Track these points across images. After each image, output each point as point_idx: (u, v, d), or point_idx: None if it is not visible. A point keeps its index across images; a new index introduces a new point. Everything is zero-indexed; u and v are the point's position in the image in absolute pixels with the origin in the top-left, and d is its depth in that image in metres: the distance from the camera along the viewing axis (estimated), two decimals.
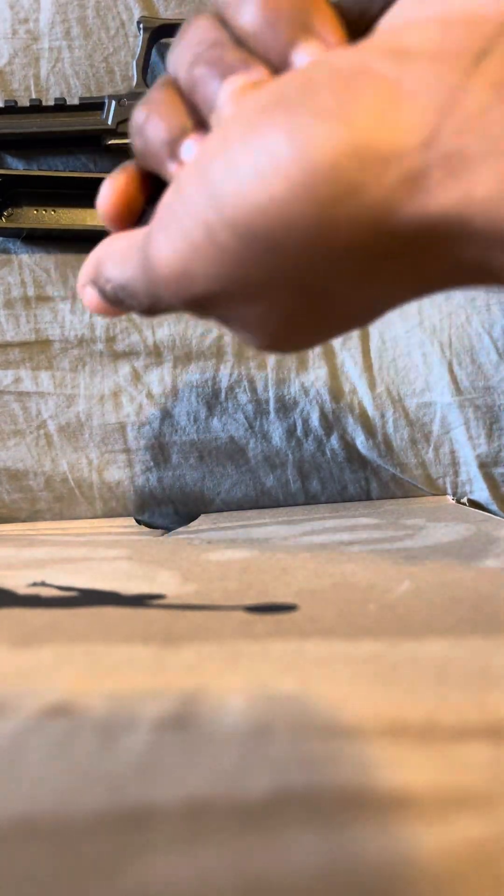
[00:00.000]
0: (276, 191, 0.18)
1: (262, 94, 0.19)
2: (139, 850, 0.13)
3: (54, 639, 0.23)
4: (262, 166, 0.18)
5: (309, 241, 0.18)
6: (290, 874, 0.12)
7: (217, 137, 0.19)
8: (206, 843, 0.13)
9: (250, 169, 0.18)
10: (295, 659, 0.20)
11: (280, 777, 0.15)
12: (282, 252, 0.18)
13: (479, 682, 0.19)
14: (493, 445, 0.49)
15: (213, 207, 0.19)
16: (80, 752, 0.16)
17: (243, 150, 0.18)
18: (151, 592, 0.28)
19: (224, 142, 0.19)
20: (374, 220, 0.17)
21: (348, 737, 0.16)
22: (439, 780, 0.15)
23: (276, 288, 0.20)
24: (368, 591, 0.27)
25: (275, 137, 0.18)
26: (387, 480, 0.50)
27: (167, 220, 0.20)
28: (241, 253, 0.19)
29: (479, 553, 0.32)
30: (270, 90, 0.18)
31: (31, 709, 0.18)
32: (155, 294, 0.22)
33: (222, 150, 0.19)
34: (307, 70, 0.18)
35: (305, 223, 0.18)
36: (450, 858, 0.13)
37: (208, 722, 0.17)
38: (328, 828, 0.13)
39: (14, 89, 0.46)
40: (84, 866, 0.13)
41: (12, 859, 0.13)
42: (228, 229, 0.19)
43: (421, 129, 0.16)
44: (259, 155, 0.18)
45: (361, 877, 0.12)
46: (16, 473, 0.49)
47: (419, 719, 0.17)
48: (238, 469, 0.50)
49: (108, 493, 0.50)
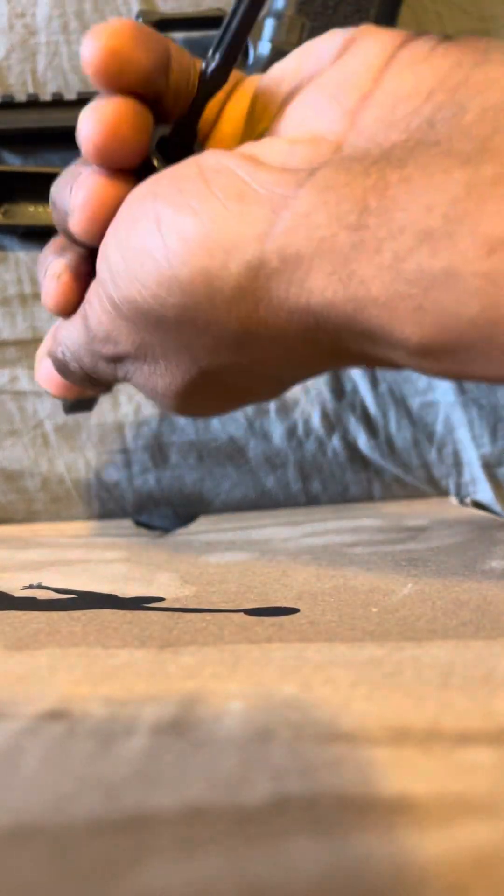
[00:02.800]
0: (149, 272, 0.21)
1: (144, 186, 0.22)
2: (137, 857, 0.13)
3: (51, 642, 0.23)
4: (138, 251, 0.21)
5: (179, 317, 0.21)
6: (290, 881, 0.12)
7: (113, 223, 0.23)
8: (205, 849, 0.13)
9: (131, 253, 0.21)
10: (296, 663, 0.20)
11: (280, 783, 0.15)
12: (164, 324, 0.22)
13: (484, 686, 0.18)
14: (498, 445, 0.49)
15: (111, 283, 0.22)
16: (77, 757, 0.16)
17: (126, 237, 0.22)
18: (150, 595, 0.28)
19: (114, 227, 0.22)
20: (227, 305, 0.20)
21: (350, 742, 0.16)
22: (442, 785, 0.15)
23: (173, 352, 0.23)
24: (370, 594, 0.27)
25: (146, 227, 0.21)
26: (389, 481, 0.50)
27: (92, 293, 0.24)
28: (138, 322, 0.22)
29: (483, 555, 0.32)
30: (151, 182, 0.22)
31: (27, 713, 0.18)
32: (95, 353, 0.25)
33: (113, 235, 0.22)
34: (181, 166, 0.21)
35: (172, 301, 0.21)
36: (453, 865, 0.12)
37: (207, 727, 0.17)
38: (329, 834, 0.13)
39: (11, 84, 0.46)
40: (80, 872, 0.13)
41: (7, 865, 0.13)
42: (125, 303, 0.22)
43: (257, 225, 0.19)
44: (135, 241, 0.21)
45: (363, 884, 0.12)
46: (12, 474, 0.49)
47: (422, 724, 0.17)
48: (238, 470, 0.49)
49: (106, 494, 0.49)
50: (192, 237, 0.20)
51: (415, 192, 0.17)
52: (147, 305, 0.21)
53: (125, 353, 0.24)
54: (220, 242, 0.20)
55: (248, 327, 0.20)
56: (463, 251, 0.16)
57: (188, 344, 0.22)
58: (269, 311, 0.20)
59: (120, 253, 0.22)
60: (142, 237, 0.21)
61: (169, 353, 0.23)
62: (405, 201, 0.17)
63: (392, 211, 0.18)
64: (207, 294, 0.20)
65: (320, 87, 0.22)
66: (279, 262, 0.19)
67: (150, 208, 0.21)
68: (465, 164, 0.17)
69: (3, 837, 0.13)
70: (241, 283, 0.20)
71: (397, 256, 0.17)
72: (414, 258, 0.17)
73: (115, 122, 0.22)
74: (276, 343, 0.21)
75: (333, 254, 0.18)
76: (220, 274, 0.20)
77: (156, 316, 0.22)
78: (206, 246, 0.20)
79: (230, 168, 0.20)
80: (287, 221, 0.19)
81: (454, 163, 0.17)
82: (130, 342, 0.23)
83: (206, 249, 0.20)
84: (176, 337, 0.22)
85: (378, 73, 0.21)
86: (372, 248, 0.18)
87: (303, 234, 0.19)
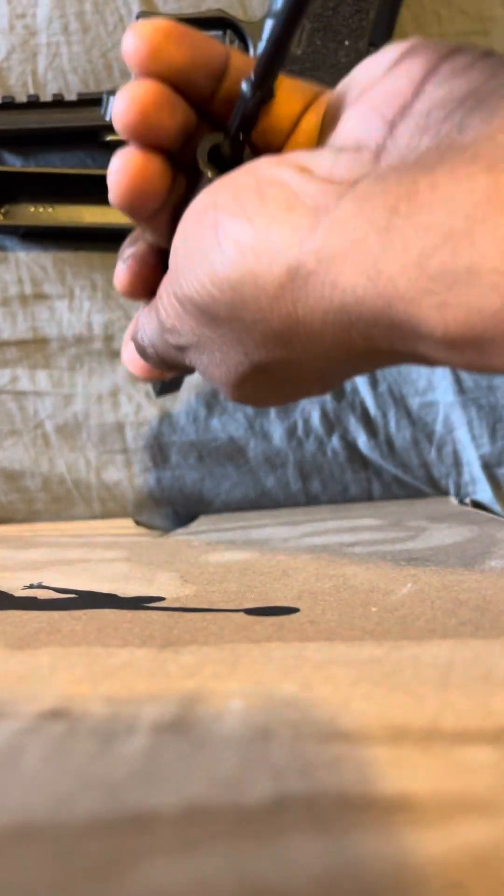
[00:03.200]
0: (206, 273, 0.23)
1: (206, 195, 0.24)
2: (137, 856, 0.13)
3: (52, 641, 0.23)
4: (198, 254, 0.23)
5: (230, 314, 0.23)
6: (290, 880, 0.12)
7: (180, 227, 0.25)
8: (205, 848, 0.13)
9: (192, 255, 0.24)
10: (295, 662, 0.20)
11: (280, 782, 0.15)
12: (218, 321, 0.24)
13: (483, 685, 0.18)
14: (497, 445, 0.49)
15: (177, 281, 0.25)
16: (78, 756, 0.16)
17: (189, 240, 0.24)
18: (150, 594, 0.28)
19: (181, 231, 0.25)
20: (270, 304, 0.22)
21: (349, 741, 0.16)
22: (442, 784, 0.15)
23: (227, 346, 0.25)
24: (370, 594, 0.27)
25: (206, 232, 0.23)
26: (389, 481, 0.50)
27: (163, 287, 0.27)
28: (197, 317, 0.25)
29: (483, 555, 0.32)
30: (212, 190, 0.24)
31: (28, 712, 0.18)
32: (166, 342, 0.28)
33: (180, 237, 0.25)
34: (238, 174, 0.24)
35: (224, 300, 0.23)
36: (452, 863, 0.12)
37: (207, 726, 0.17)
38: (329, 833, 0.13)
39: (11, 85, 0.46)
40: (81, 871, 0.13)
41: (8, 865, 0.13)
42: (186, 301, 0.25)
43: (299, 231, 0.21)
44: (196, 244, 0.24)
45: (362, 883, 0.12)
46: (12, 474, 0.49)
47: (421, 723, 0.17)
48: (238, 469, 0.49)
49: (107, 494, 0.49)
50: (244, 242, 0.22)
51: (441, 196, 0.19)
52: (203, 303, 0.24)
53: (188, 344, 0.26)
54: (268, 246, 0.21)
55: (289, 325, 0.22)
56: (482, 250, 0.18)
57: (239, 339, 0.24)
58: (306, 311, 0.21)
59: (184, 254, 0.24)
60: (202, 241, 0.23)
61: (224, 346, 0.25)
62: (431, 204, 0.19)
63: (419, 214, 0.19)
64: (254, 294, 0.22)
65: (369, 98, 0.23)
66: (315, 263, 0.20)
67: (210, 216, 0.23)
68: (489, 170, 0.18)
69: (3, 837, 0.13)
70: (282, 283, 0.21)
71: (422, 255, 0.18)
72: (438, 256, 0.18)
73: (143, 99, 0.24)
74: (314, 341, 0.22)
75: (364, 254, 0.20)
76: (264, 275, 0.22)
77: (211, 313, 0.24)
78: (255, 250, 0.22)
79: (283, 180, 0.22)
80: (325, 228, 0.20)
81: (478, 169, 0.18)
82: (192, 334, 0.26)
83: (254, 253, 0.22)
84: (228, 332, 0.24)
85: (419, 84, 0.22)
86: (399, 247, 0.19)
87: (338, 238, 0.20)
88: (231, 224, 0.22)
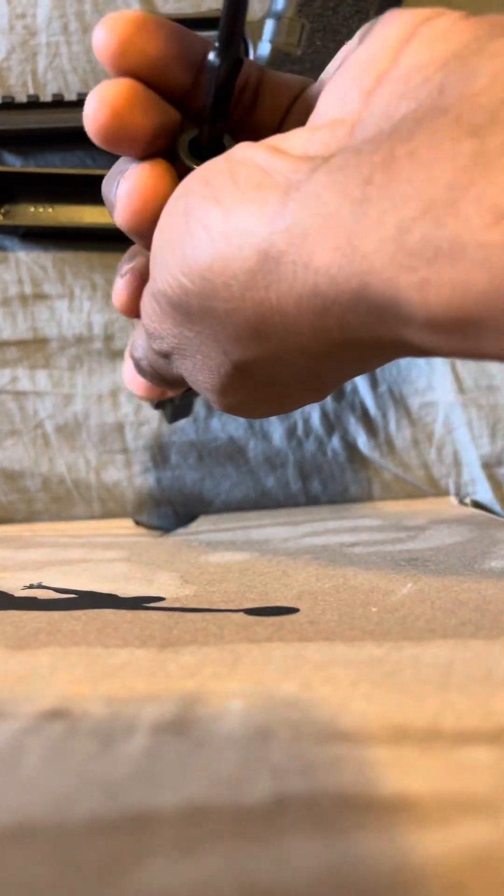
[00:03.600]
0: (176, 263, 0.22)
1: (180, 185, 0.23)
2: (137, 856, 0.13)
3: (51, 642, 0.23)
4: (168, 244, 0.22)
5: (202, 306, 0.22)
6: (291, 880, 0.12)
7: (157, 225, 0.24)
8: (205, 848, 0.13)
9: (164, 246, 0.23)
10: (295, 662, 0.20)
11: (280, 782, 0.15)
12: (192, 316, 0.23)
13: (483, 685, 0.18)
14: (497, 445, 0.48)
15: (153, 278, 0.24)
16: (78, 756, 0.16)
17: (161, 232, 0.23)
18: (150, 595, 0.28)
19: (158, 229, 0.24)
20: (242, 291, 0.21)
21: (349, 741, 0.16)
22: (442, 785, 0.14)
23: (205, 345, 0.23)
24: (370, 594, 0.27)
25: (176, 220, 0.22)
26: (389, 481, 0.50)
27: (145, 293, 0.25)
28: (173, 316, 0.23)
29: (483, 555, 0.32)
30: (186, 179, 0.23)
31: (27, 712, 0.18)
32: (152, 351, 0.27)
33: (157, 233, 0.24)
34: (214, 161, 0.22)
35: (195, 290, 0.22)
36: (452, 864, 0.12)
37: (207, 726, 0.17)
38: (329, 833, 0.13)
39: (11, 85, 0.46)
40: (81, 872, 0.13)
41: (7, 865, 0.13)
42: (161, 297, 0.23)
43: (269, 209, 0.20)
44: (167, 235, 0.23)
45: (362, 883, 0.12)
46: (12, 474, 0.49)
47: (422, 723, 0.17)
48: (238, 469, 0.49)
49: (106, 494, 0.49)
50: (213, 226, 0.21)
51: (420, 163, 0.17)
52: (176, 296, 0.22)
53: (170, 348, 0.25)
54: (236, 227, 0.20)
55: (264, 315, 0.21)
56: (468, 220, 0.16)
57: (216, 336, 0.23)
58: (279, 297, 0.20)
59: (159, 248, 0.23)
60: (174, 231, 0.22)
61: (202, 346, 0.24)
62: (409, 172, 0.17)
63: (396, 183, 0.17)
64: (224, 282, 0.21)
65: (345, 70, 0.22)
66: (286, 243, 0.19)
67: (181, 203, 0.22)
68: (472, 133, 0.16)
69: (3, 837, 0.13)
70: (252, 268, 0.20)
71: (400, 228, 0.17)
72: (417, 229, 0.16)
73: (114, 101, 0.23)
74: (291, 333, 0.21)
75: (337, 230, 0.18)
76: (235, 259, 0.20)
77: (184, 307, 0.23)
78: (224, 232, 0.20)
79: (254, 160, 0.21)
80: (296, 202, 0.19)
81: (462, 132, 0.16)
82: (171, 336, 0.24)
83: (223, 235, 0.20)
84: (205, 329, 0.23)
85: (396, 50, 0.20)
86: (374, 219, 0.17)
87: (309, 213, 0.19)
88: (200, 208, 0.21)
